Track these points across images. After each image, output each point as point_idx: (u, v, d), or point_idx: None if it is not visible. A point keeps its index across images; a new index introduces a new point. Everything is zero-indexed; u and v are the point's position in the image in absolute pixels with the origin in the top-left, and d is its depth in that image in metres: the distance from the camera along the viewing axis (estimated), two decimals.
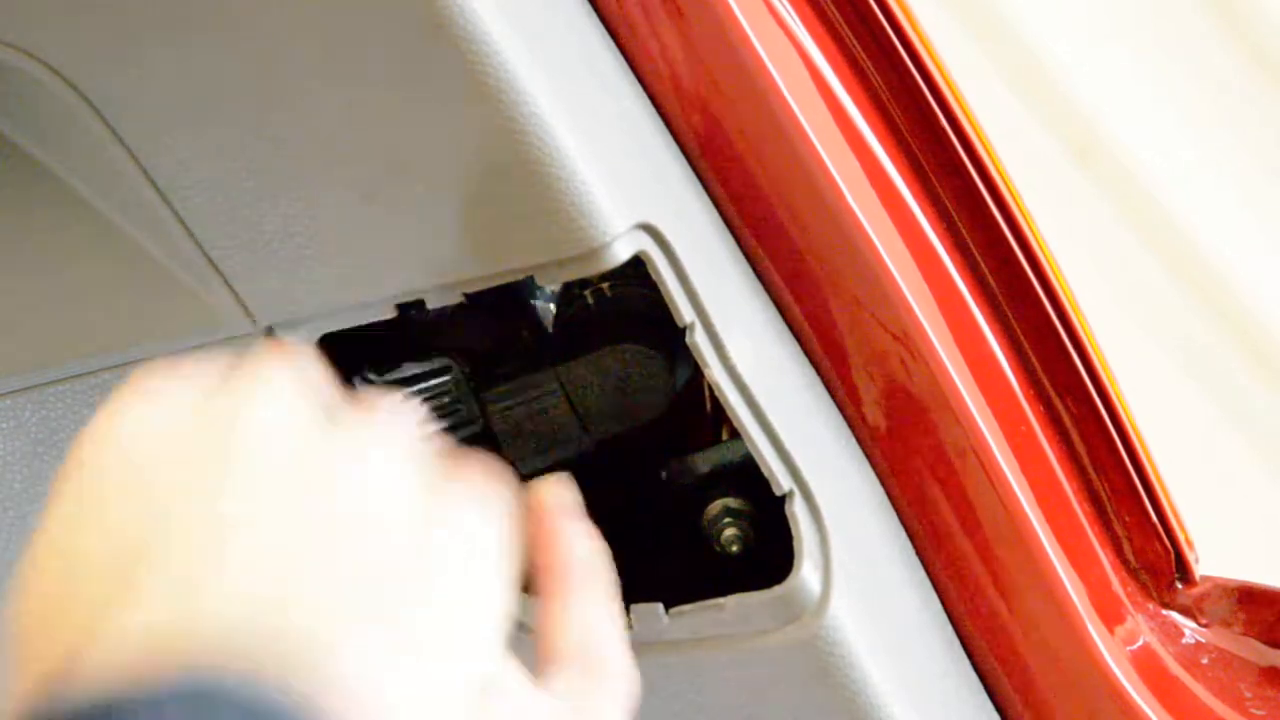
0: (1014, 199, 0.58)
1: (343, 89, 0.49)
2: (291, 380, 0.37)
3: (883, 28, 0.57)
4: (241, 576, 0.33)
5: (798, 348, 0.58)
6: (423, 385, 0.56)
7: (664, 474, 0.64)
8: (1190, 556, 0.63)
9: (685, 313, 0.52)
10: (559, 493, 0.43)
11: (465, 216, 0.50)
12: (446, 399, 0.56)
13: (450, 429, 0.56)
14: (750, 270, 0.57)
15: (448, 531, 0.36)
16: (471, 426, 0.56)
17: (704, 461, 0.63)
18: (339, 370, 0.54)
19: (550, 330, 0.63)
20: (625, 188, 0.50)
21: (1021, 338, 0.60)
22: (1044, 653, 0.60)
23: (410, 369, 0.56)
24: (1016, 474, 0.58)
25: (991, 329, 0.59)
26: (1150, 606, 0.63)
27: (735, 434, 0.57)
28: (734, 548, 0.62)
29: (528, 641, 0.55)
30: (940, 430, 0.58)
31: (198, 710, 0.30)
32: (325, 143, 0.49)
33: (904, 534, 0.60)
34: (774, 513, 0.56)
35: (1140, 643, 0.62)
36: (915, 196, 0.58)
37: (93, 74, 0.49)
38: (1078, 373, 0.60)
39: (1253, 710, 0.61)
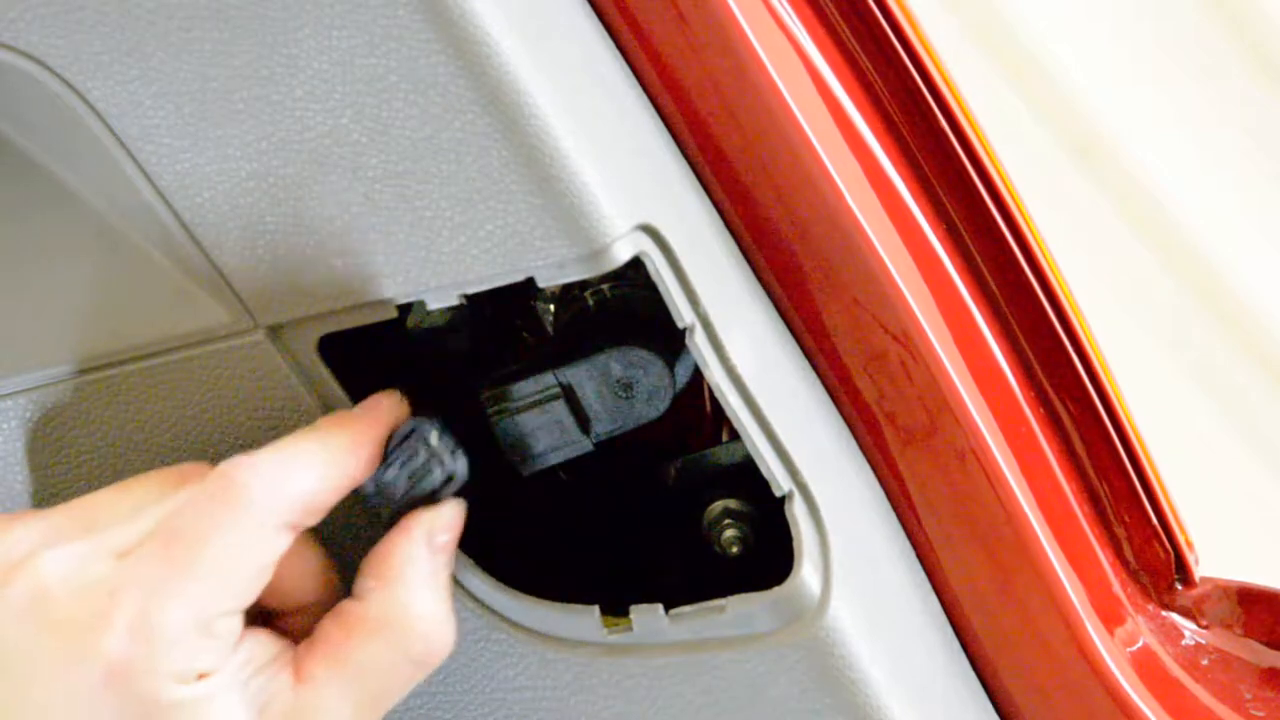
0: (1014, 199, 0.58)
1: (345, 89, 0.49)
2: None
3: (882, 28, 0.57)
4: None
5: (797, 349, 0.58)
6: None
7: (664, 475, 0.64)
8: (1190, 558, 0.63)
9: (685, 314, 0.52)
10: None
11: (465, 218, 0.50)
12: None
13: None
14: (750, 271, 0.57)
15: None
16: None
17: (703, 463, 0.63)
18: (339, 372, 0.54)
19: (550, 332, 0.63)
20: (626, 189, 0.50)
21: (1021, 338, 0.60)
22: (1044, 653, 0.60)
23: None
24: (1016, 475, 0.58)
25: (991, 330, 0.59)
26: (1150, 608, 0.63)
27: (735, 435, 0.57)
28: (734, 549, 0.62)
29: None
30: (940, 431, 0.58)
31: None
32: (327, 144, 0.49)
33: (904, 535, 0.60)
34: (774, 514, 0.56)
35: (1140, 644, 0.62)
36: (915, 197, 0.58)
37: (93, 75, 0.49)
38: (1077, 373, 0.60)
39: (1253, 712, 0.61)
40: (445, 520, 0.53)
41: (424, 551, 0.52)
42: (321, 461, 0.51)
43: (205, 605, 0.47)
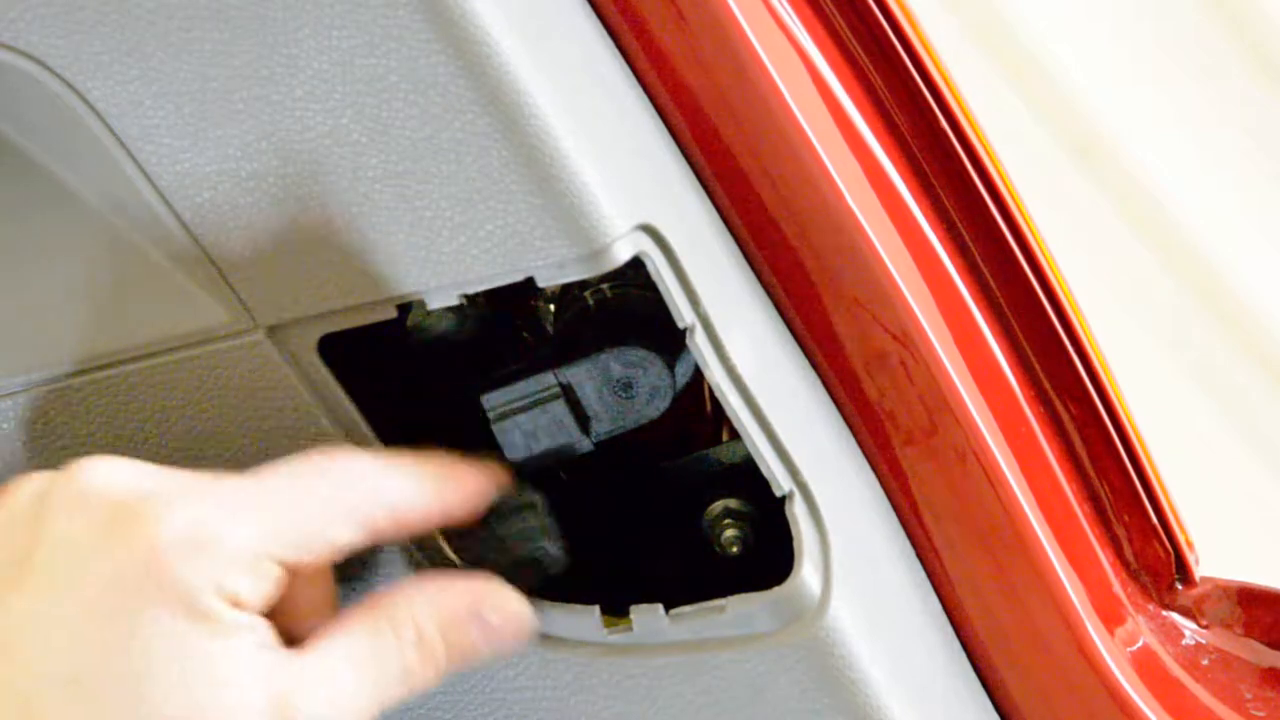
0: (1014, 199, 0.58)
1: (345, 90, 0.49)
2: None
3: (883, 28, 0.57)
4: None
5: (798, 349, 0.58)
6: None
7: (664, 475, 0.64)
8: (1190, 558, 0.63)
9: (685, 314, 0.52)
10: None
11: (465, 218, 0.50)
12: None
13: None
14: (750, 271, 0.57)
15: None
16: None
17: (704, 462, 0.63)
18: (339, 372, 0.54)
19: (550, 332, 0.63)
20: (626, 189, 0.50)
21: (1021, 338, 0.60)
22: (1044, 653, 0.60)
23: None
24: (1016, 475, 0.58)
25: (991, 329, 0.59)
26: (1150, 608, 0.63)
27: (735, 435, 0.57)
28: (734, 549, 0.62)
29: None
30: (940, 431, 0.58)
31: None
32: (327, 144, 0.49)
33: (904, 535, 0.60)
34: (774, 514, 0.56)
35: (1140, 644, 0.62)
36: (915, 197, 0.58)
37: (93, 75, 0.49)
38: (1078, 373, 0.60)
39: (1253, 712, 0.61)
40: (507, 605, 0.52)
41: (465, 610, 0.51)
42: (416, 481, 0.50)
43: (266, 541, 0.46)
